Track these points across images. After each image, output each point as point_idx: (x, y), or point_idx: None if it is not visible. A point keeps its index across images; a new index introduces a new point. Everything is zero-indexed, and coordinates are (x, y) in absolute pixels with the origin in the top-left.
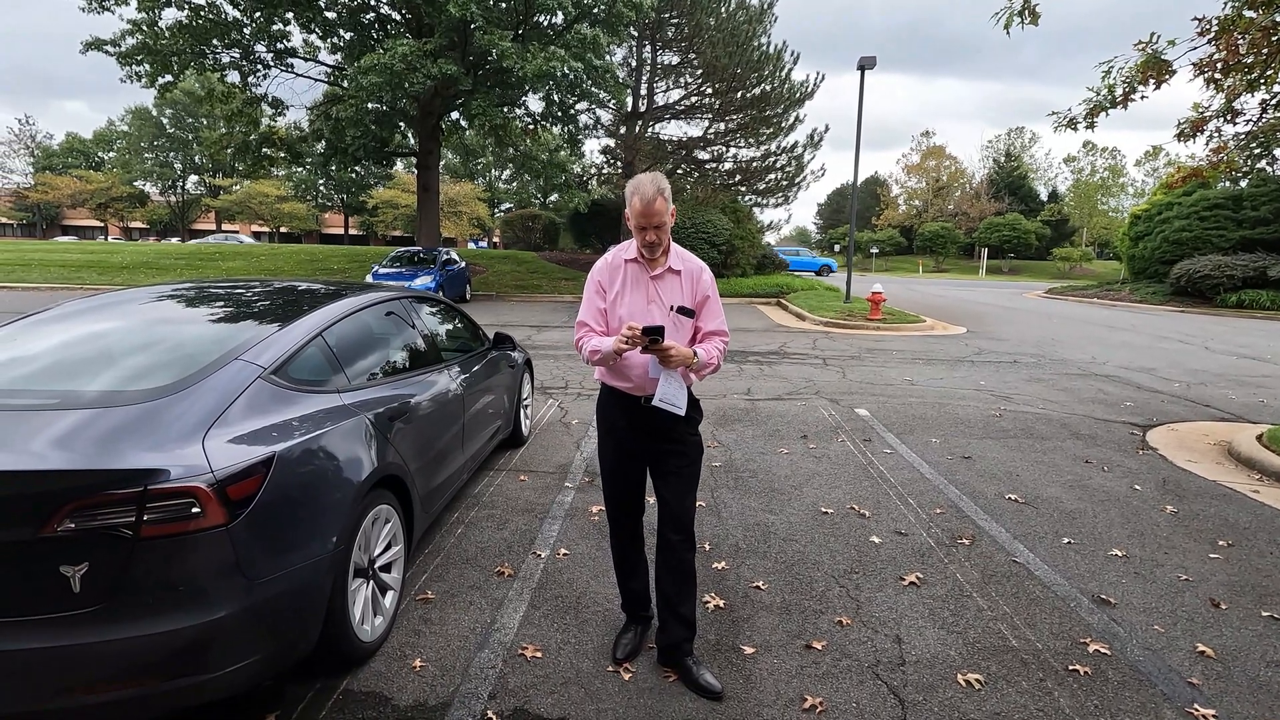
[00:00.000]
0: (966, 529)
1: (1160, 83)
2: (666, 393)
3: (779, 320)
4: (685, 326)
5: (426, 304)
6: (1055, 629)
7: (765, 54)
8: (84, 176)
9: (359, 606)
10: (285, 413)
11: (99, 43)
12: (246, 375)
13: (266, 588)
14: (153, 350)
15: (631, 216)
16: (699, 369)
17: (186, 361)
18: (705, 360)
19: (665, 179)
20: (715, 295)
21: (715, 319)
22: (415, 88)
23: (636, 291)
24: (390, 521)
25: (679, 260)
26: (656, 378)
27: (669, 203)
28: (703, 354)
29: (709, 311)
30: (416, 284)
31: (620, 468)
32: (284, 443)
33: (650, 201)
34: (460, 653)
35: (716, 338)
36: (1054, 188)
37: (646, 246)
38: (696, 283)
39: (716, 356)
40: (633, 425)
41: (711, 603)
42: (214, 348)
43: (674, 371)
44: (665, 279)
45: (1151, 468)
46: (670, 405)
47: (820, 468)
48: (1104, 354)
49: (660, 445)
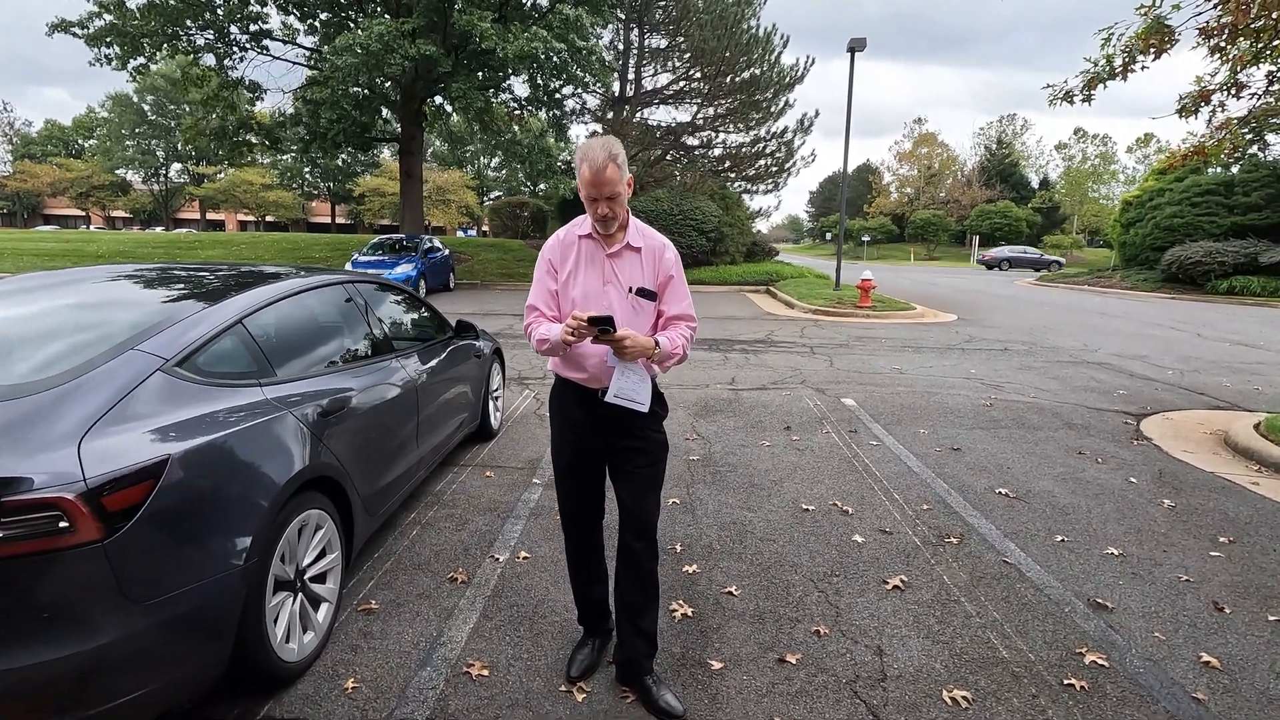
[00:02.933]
0: (955, 526)
1: (1161, 51)
2: (624, 387)
3: (767, 308)
4: (646, 310)
5: (379, 290)
6: (1049, 637)
7: (754, 37)
8: (64, 165)
9: (282, 624)
10: (190, 410)
11: (65, 24)
12: (144, 367)
13: (156, 610)
14: (47, 340)
15: (582, 187)
16: (662, 360)
17: (79, 352)
18: (668, 350)
19: (619, 144)
20: (680, 275)
21: (680, 302)
22: (393, 69)
23: (591, 271)
24: (323, 528)
25: (639, 236)
26: (613, 368)
27: (623, 170)
28: (665, 343)
29: (673, 293)
30: (397, 272)
31: (575, 467)
32: (183, 444)
33: (600, 169)
34: (399, 671)
35: (682, 323)
36: (1045, 175)
37: (600, 221)
38: (658, 261)
39: (682, 345)
40: (588, 420)
41: (679, 611)
42: (112, 337)
43: (634, 363)
44: (623, 257)
45: (1147, 459)
46: (629, 401)
47: (803, 461)
48: (1096, 341)
49: (619, 442)
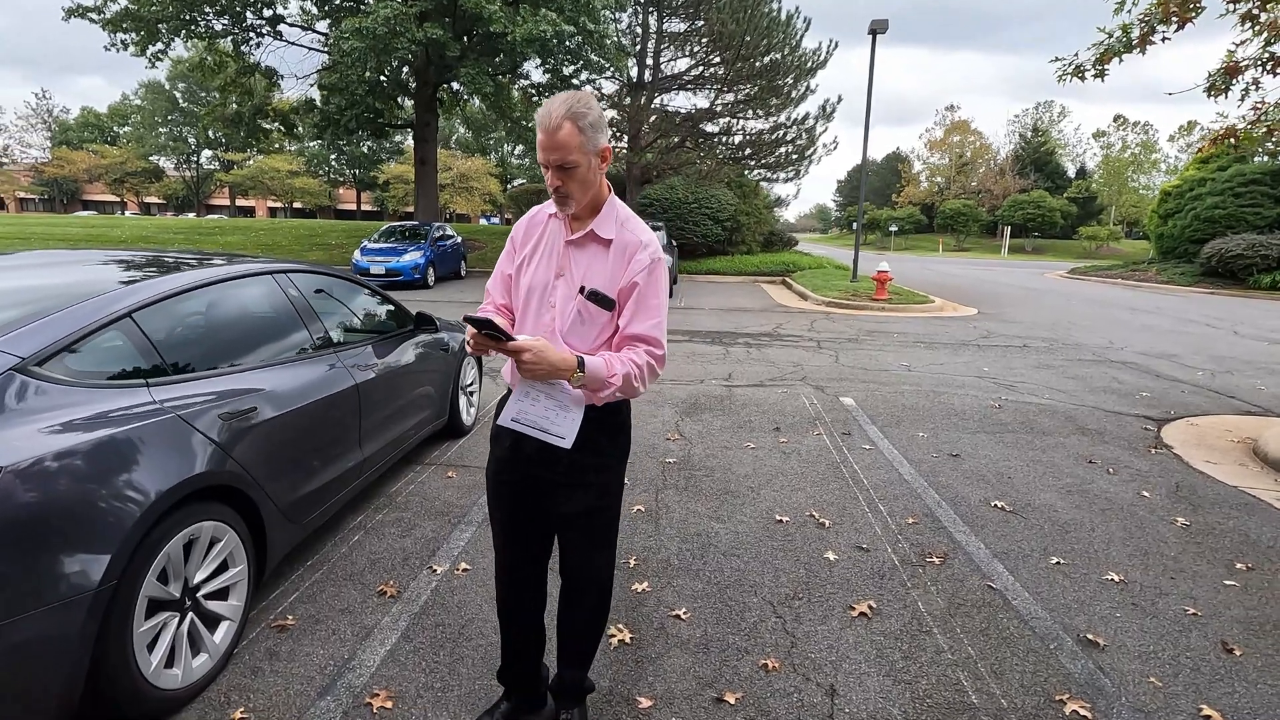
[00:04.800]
0: (940, 544)
1: (1185, 21)
2: (527, 411)
3: (780, 300)
4: (596, 320)
5: (322, 282)
6: (1027, 680)
7: (775, 20)
8: (99, 151)
9: (160, 649)
10: (46, 415)
11: (81, 9)
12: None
13: None
14: None
15: (539, 151)
16: (592, 387)
17: None
18: (598, 374)
19: (589, 102)
20: (653, 287)
21: (644, 319)
22: (400, 53)
23: (547, 258)
24: (223, 540)
25: (613, 226)
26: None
27: (586, 134)
28: (597, 365)
29: (637, 306)
30: (405, 260)
31: (498, 496)
32: (25, 455)
33: (552, 129)
34: (296, 700)
35: (641, 346)
36: (1082, 164)
37: (555, 197)
38: (628, 261)
39: (627, 373)
40: (507, 443)
41: (617, 637)
42: None
43: (554, 384)
44: (586, 248)
45: (1164, 470)
46: (535, 430)
47: (787, 465)
48: (1123, 338)
49: (548, 477)
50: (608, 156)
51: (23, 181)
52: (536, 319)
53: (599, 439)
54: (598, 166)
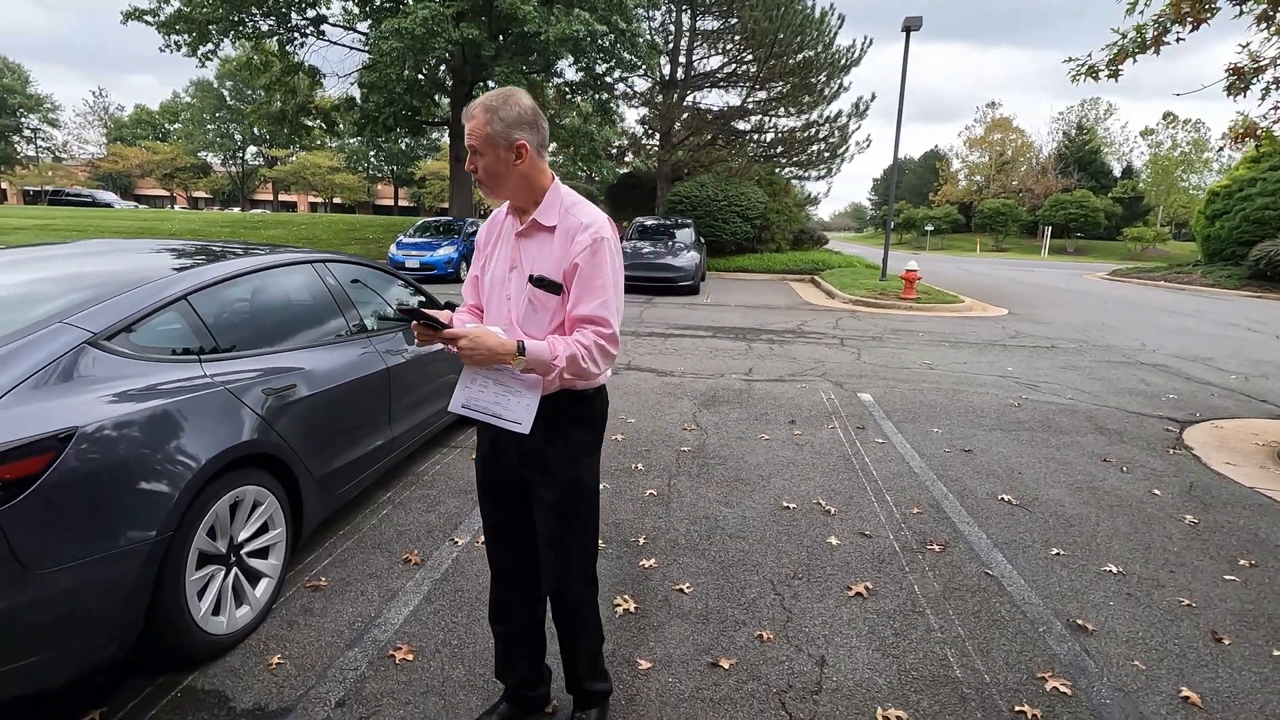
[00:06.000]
0: (941, 533)
1: (1200, 21)
2: (476, 398)
3: (807, 298)
4: (546, 306)
5: (358, 271)
6: (1012, 658)
7: (808, 17)
8: (151, 147)
9: (208, 597)
10: (112, 384)
11: (138, 12)
12: (68, 340)
13: (53, 580)
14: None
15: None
16: (539, 370)
17: (10, 324)
18: (540, 356)
19: (514, 99)
20: (596, 267)
21: (588, 300)
22: (438, 53)
23: (503, 254)
24: (264, 504)
25: (554, 213)
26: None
27: (494, 126)
28: (540, 349)
29: (580, 286)
30: (439, 254)
31: (482, 494)
32: (95, 418)
33: (468, 116)
34: (327, 651)
35: (589, 328)
36: (1129, 163)
37: (477, 181)
38: (568, 244)
39: (571, 355)
40: (491, 440)
41: (622, 606)
42: (46, 308)
43: (501, 369)
44: (534, 237)
45: (1180, 469)
46: (487, 416)
47: (799, 456)
48: (1156, 341)
49: (525, 474)
50: (524, 153)
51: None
52: (497, 313)
53: (569, 429)
54: (509, 159)
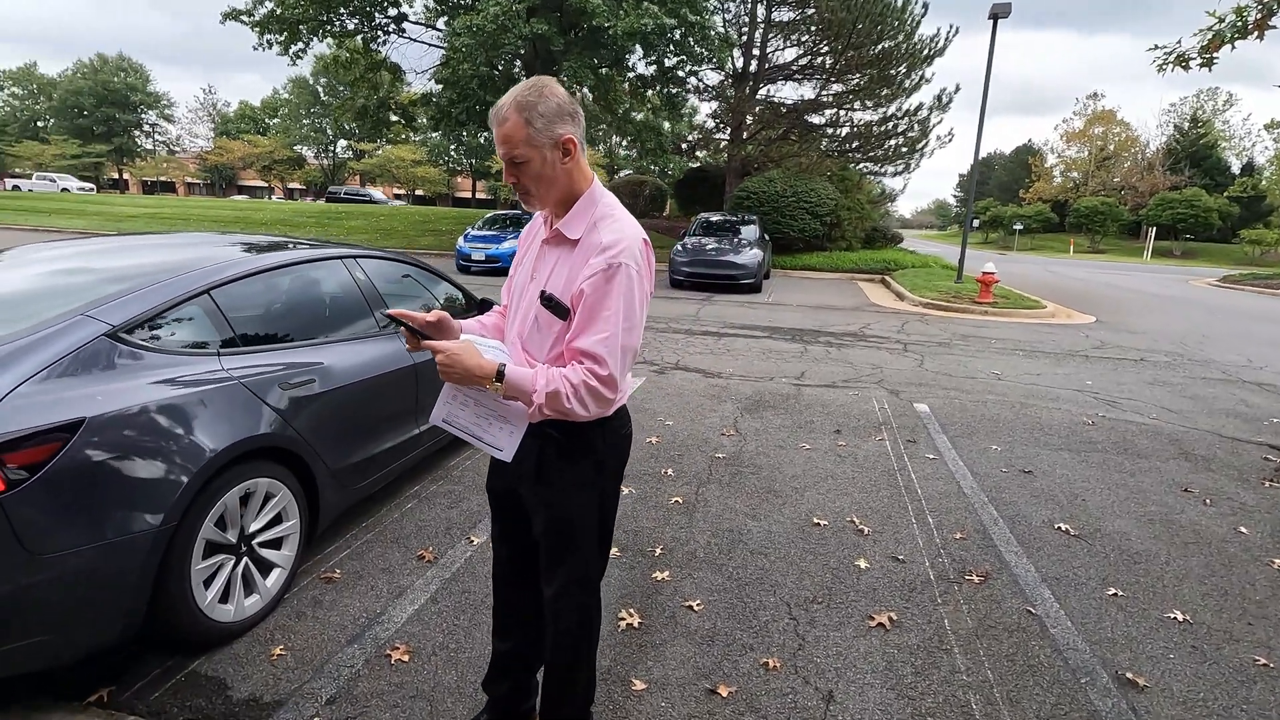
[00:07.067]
0: (984, 562)
1: None
2: (456, 415)
3: (875, 299)
4: (552, 329)
5: (390, 267)
6: (1045, 711)
7: (889, 6)
8: (252, 141)
9: (215, 586)
10: (127, 376)
11: (235, 13)
12: (88, 333)
13: (56, 564)
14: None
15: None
16: (523, 400)
17: (37, 314)
18: (519, 384)
19: (546, 89)
20: (606, 297)
21: (590, 333)
22: (509, 48)
23: (530, 260)
24: (277, 496)
25: (581, 224)
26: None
27: (535, 125)
28: (520, 377)
29: (584, 317)
30: (503, 247)
31: (490, 504)
32: (105, 408)
33: (500, 121)
34: (328, 645)
35: (583, 364)
36: (1250, 159)
37: (518, 193)
38: (583, 264)
39: (548, 390)
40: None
41: (626, 621)
42: (71, 301)
43: (482, 390)
44: (558, 248)
45: (1275, 505)
46: (464, 434)
47: (839, 469)
48: (1265, 357)
49: (516, 484)
50: (571, 149)
51: (190, 168)
52: (514, 324)
53: (557, 463)
54: (556, 159)
